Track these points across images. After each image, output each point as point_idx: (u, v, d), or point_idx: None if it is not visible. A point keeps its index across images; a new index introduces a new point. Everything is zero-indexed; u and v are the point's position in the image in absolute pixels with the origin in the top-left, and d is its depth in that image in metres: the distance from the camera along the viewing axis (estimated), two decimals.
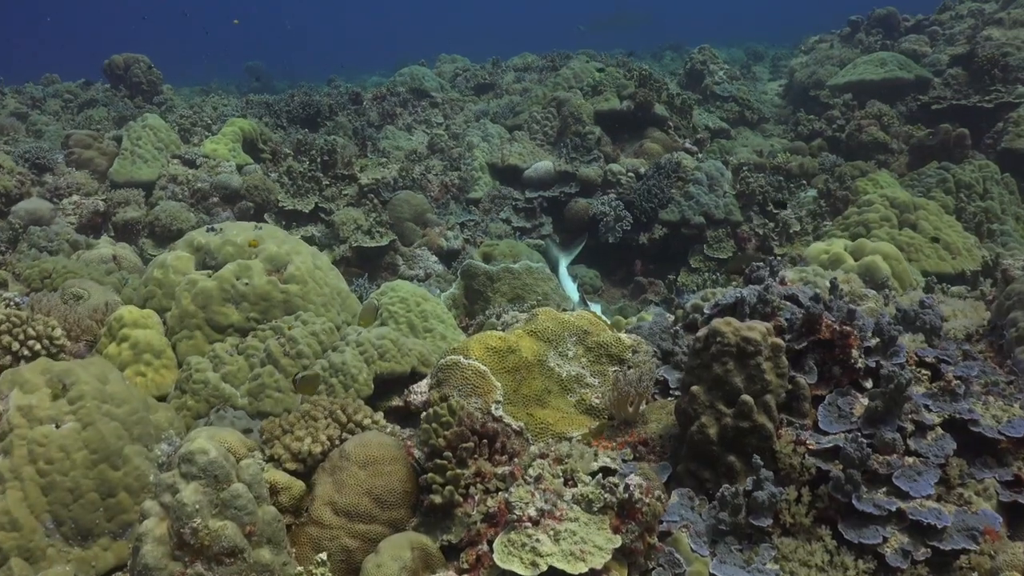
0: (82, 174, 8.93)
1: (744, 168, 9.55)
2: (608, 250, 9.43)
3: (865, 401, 3.62)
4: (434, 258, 8.79)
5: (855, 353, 3.63)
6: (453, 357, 4.26)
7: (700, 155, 10.84)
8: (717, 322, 3.57)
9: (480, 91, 13.99)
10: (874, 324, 3.95)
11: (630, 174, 9.76)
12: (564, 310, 8.10)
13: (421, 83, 13.48)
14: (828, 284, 5.01)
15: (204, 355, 4.34)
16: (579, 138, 10.23)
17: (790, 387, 3.60)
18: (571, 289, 8.82)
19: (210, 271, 4.65)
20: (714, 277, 8.57)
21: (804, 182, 10.00)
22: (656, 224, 9.30)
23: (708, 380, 3.57)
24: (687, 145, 10.65)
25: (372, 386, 4.32)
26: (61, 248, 6.81)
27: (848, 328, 3.61)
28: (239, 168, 9.48)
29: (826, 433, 3.51)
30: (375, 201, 9.07)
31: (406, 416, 4.34)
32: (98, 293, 5.15)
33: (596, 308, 8.56)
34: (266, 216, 8.96)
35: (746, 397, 3.43)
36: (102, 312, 4.78)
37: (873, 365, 3.69)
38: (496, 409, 4.08)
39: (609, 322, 8.29)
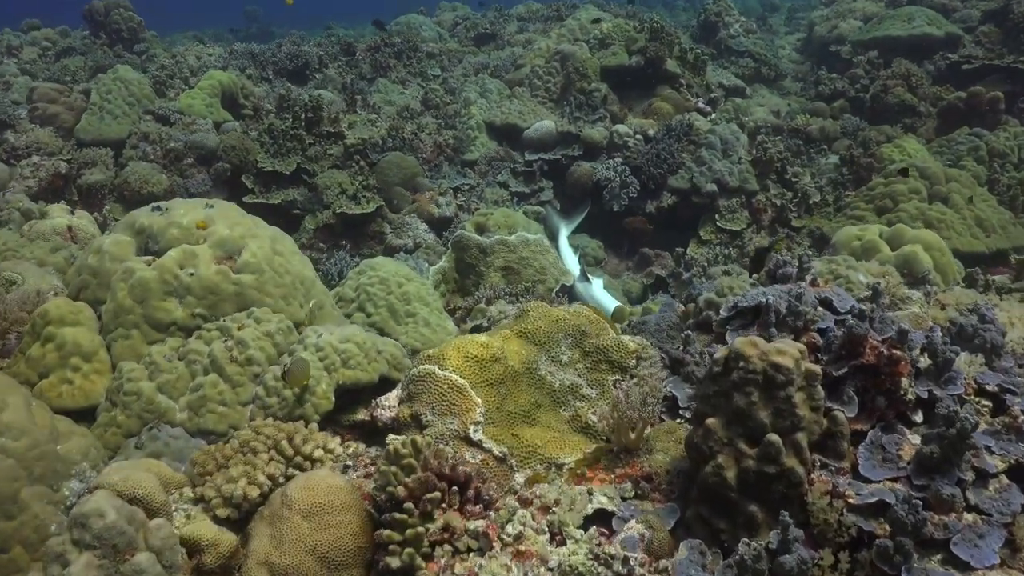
0: (46, 132, 8.27)
1: (761, 132, 8.83)
2: (612, 219, 8.77)
3: (915, 440, 3.02)
4: (424, 226, 8.15)
5: (905, 383, 3.02)
6: (427, 367, 3.65)
7: (714, 116, 10.11)
8: (740, 342, 2.96)
9: (480, 42, 13.19)
10: (924, 339, 3.34)
11: (638, 136, 9.06)
12: (563, 284, 7.49)
13: (418, 32, 12.68)
14: (862, 280, 4.38)
15: (142, 358, 3.74)
16: (584, 96, 9.51)
17: (826, 423, 3.00)
18: (571, 262, 8.19)
19: (152, 257, 4.03)
20: (727, 252, 7.92)
21: (825, 147, 9.29)
22: (665, 191, 8.64)
23: (727, 412, 2.97)
24: (700, 105, 9.91)
25: (333, 399, 3.72)
26: (11, 218, 6.18)
27: (898, 353, 2.99)
28: (217, 126, 8.79)
29: (868, 480, 2.92)
30: (361, 163, 8.40)
31: (373, 432, 3.76)
32: (34, 277, 4.54)
33: (598, 283, 7.96)
34: (244, 178, 8.30)
35: (773, 436, 2.83)
36: (33, 302, 4.18)
37: (925, 395, 3.08)
38: (475, 432, 3.49)
39: (612, 303, 7.69)
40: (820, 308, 3.66)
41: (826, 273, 4.43)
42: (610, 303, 7.67)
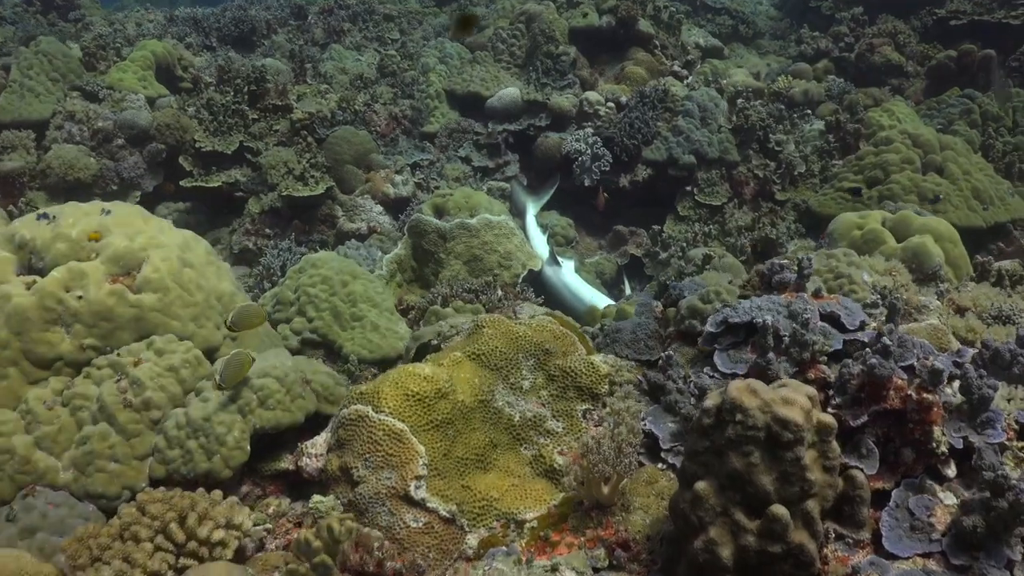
0: None
1: (742, 97, 8.21)
2: (583, 194, 8.16)
3: (949, 500, 2.47)
4: (379, 208, 7.49)
5: (938, 432, 2.46)
6: (359, 408, 3.05)
7: (690, 79, 9.46)
8: (737, 389, 2.38)
9: (443, 2, 12.38)
10: (952, 365, 2.78)
11: (610, 104, 8.41)
12: (530, 270, 6.88)
13: None
14: (866, 280, 3.82)
15: (18, 404, 3.11)
16: (551, 60, 8.82)
17: (842, 484, 2.45)
18: (539, 243, 7.59)
19: (35, 278, 3.38)
20: (706, 229, 7.34)
21: (809, 111, 8.69)
22: (639, 164, 8.02)
23: (721, 475, 2.41)
24: (676, 68, 9.27)
25: (248, 449, 3.12)
26: None
27: (930, 398, 2.44)
28: (151, 102, 8.04)
29: (895, 557, 2.37)
30: (309, 140, 7.69)
31: (299, 484, 3.18)
32: None
33: (568, 266, 7.38)
34: (181, 159, 7.59)
35: (779, 509, 2.28)
36: None
37: (959, 444, 2.53)
38: (417, 488, 2.90)
39: (584, 289, 7.09)
40: (825, 325, 3.10)
41: (825, 271, 3.86)
42: (582, 289, 7.10)
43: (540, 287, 7.15)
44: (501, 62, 9.21)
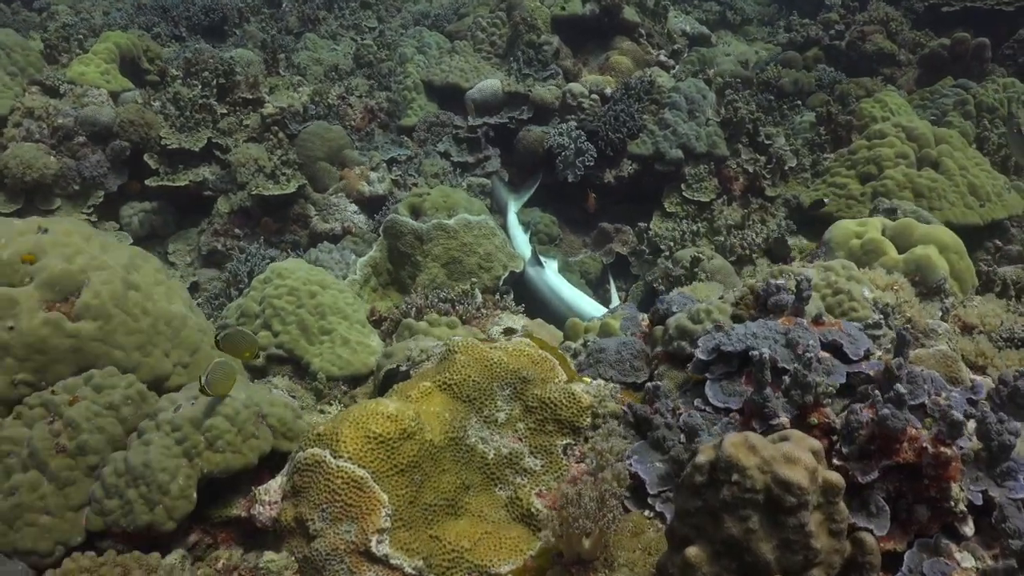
0: None
1: (730, 89, 7.92)
2: (567, 190, 7.88)
3: (968, 564, 2.23)
4: (354, 207, 7.18)
5: (956, 489, 2.21)
6: (316, 452, 2.77)
7: (677, 68, 9.17)
8: (733, 445, 2.12)
9: None
10: (965, 404, 2.53)
11: (594, 96, 8.11)
12: (512, 271, 6.60)
13: None
14: (866, 296, 3.57)
15: None
16: (533, 50, 8.50)
17: (849, 548, 2.20)
18: (521, 242, 7.31)
19: None
20: (694, 227, 7.07)
21: (799, 102, 8.43)
22: (625, 159, 7.74)
23: (715, 540, 2.15)
24: (662, 58, 8.97)
25: (194, 498, 2.84)
26: None
27: (948, 452, 2.18)
28: (114, 96, 7.69)
29: None
30: (280, 135, 7.37)
31: (253, 532, 2.90)
32: None
33: (552, 266, 7.12)
34: (147, 157, 7.25)
35: None
36: None
37: (979, 500, 2.28)
38: (379, 543, 2.63)
39: (568, 291, 6.82)
40: (827, 356, 2.84)
41: (822, 286, 3.60)
42: (565, 290, 6.83)
43: (522, 289, 6.89)
44: (481, 52, 8.89)
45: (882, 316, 3.46)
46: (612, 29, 8.94)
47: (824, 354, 2.84)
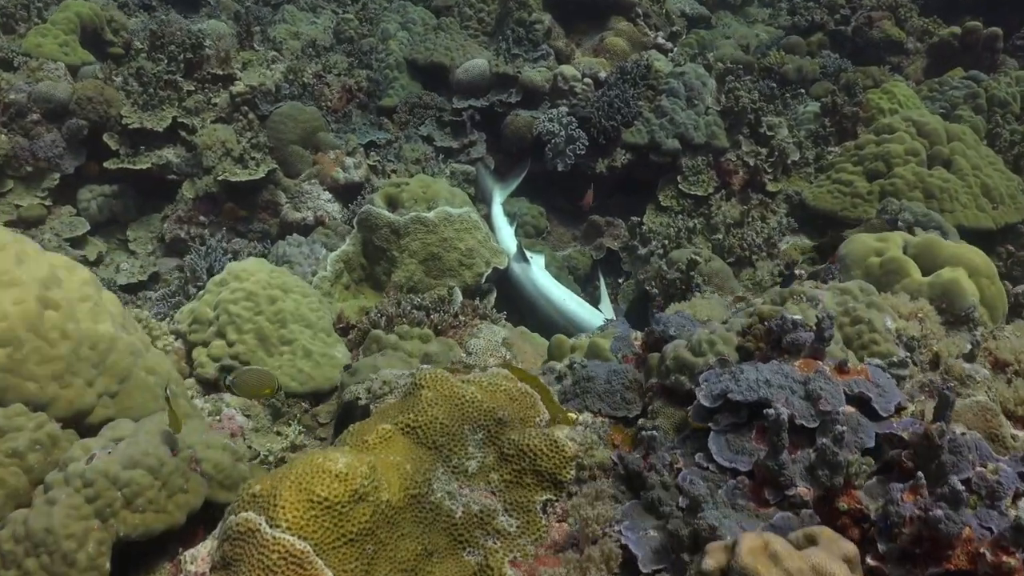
0: None
1: (732, 75, 7.46)
2: (557, 180, 7.44)
3: None
4: (327, 195, 6.72)
5: None
6: (250, 517, 2.34)
7: (675, 51, 8.70)
8: (750, 553, 1.72)
9: None
10: (1017, 480, 2.13)
11: (587, 80, 7.64)
12: (495, 268, 6.16)
13: None
14: (888, 327, 3.16)
15: None
16: (523, 28, 8.01)
17: None
18: (506, 235, 6.87)
19: None
20: (691, 224, 6.65)
21: (803, 90, 7.99)
22: (618, 148, 7.29)
23: None
24: (659, 40, 8.49)
25: (107, 568, 2.41)
26: None
27: (1012, 562, 1.77)
28: (73, 71, 7.17)
29: None
30: (250, 116, 6.87)
31: None
32: None
33: (538, 261, 6.70)
34: (106, 138, 6.76)
35: None
36: None
37: None
38: None
39: (557, 292, 6.38)
40: (851, 410, 2.43)
41: (839, 313, 3.19)
42: (552, 289, 6.42)
43: (507, 286, 6.46)
44: (468, 29, 8.40)
45: (907, 352, 3.06)
46: (608, 8, 8.45)
47: (849, 409, 2.44)
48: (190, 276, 5.54)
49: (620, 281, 7.03)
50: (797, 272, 5.64)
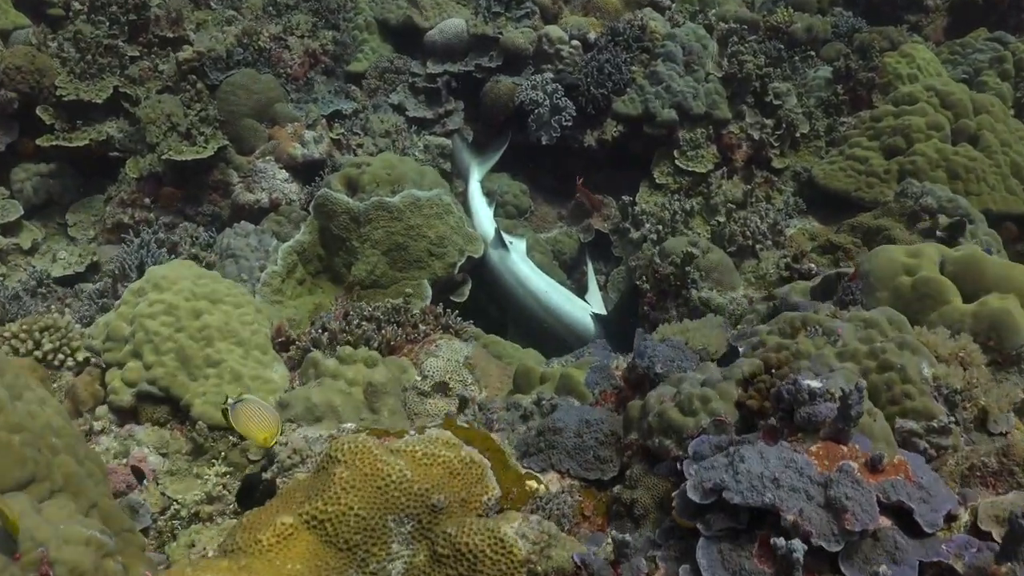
0: None
1: (736, 37, 6.72)
2: (541, 154, 6.76)
3: None
4: (284, 174, 6.06)
5: None
6: None
7: (673, 6, 7.93)
8: None
9: None
10: None
11: (574, 42, 6.92)
12: (470, 256, 5.51)
13: None
14: (925, 374, 2.55)
15: None
16: None
17: None
18: (483, 217, 6.24)
19: None
20: (687, 205, 5.99)
21: (812, 52, 7.25)
22: (609, 119, 6.60)
23: None
24: None
25: None
26: None
27: None
28: (4, 35, 6.46)
29: None
30: (198, 86, 6.18)
31: None
32: None
33: (520, 247, 6.09)
34: (40, 111, 6.08)
35: None
36: None
37: None
38: None
39: (540, 282, 5.70)
40: (886, 524, 1.82)
41: (863, 354, 2.58)
42: (534, 279, 5.84)
43: (483, 276, 5.85)
44: None
45: (949, 409, 2.45)
46: None
47: (884, 522, 1.84)
48: (119, 274, 4.91)
49: (609, 268, 6.41)
50: (805, 267, 5.01)
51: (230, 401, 2.95)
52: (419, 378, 3.66)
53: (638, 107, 6.49)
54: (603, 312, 5.80)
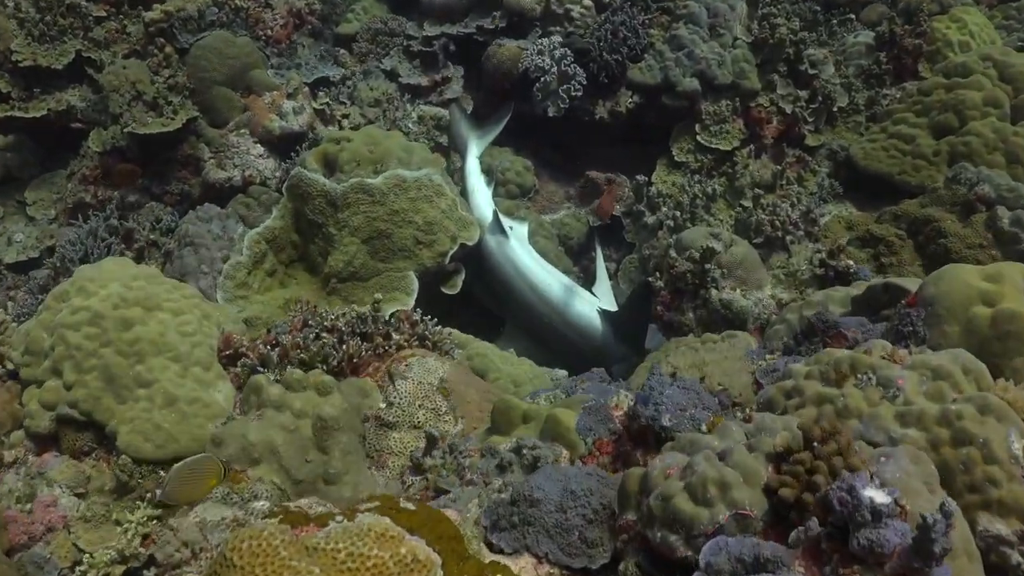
0: None
1: None
2: (548, 126, 6.11)
3: None
4: (260, 149, 5.47)
5: None
6: None
7: None
8: None
9: None
10: None
11: (587, 2, 6.24)
12: (463, 244, 4.87)
13: None
14: (1016, 451, 1.93)
15: None
16: None
17: None
18: (481, 198, 5.63)
19: None
20: (709, 189, 5.34)
21: (852, 16, 6.50)
22: (623, 89, 5.93)
23: None
24: None
25: None
26: None
27: None
28: None
29: None
30: (167, 50, 5.57)
31: None
32: None
33: (520, 231, 5.52)
34: None
35: None
36: None
37: None
38: None
39: (544, 276, 4.95)
40: None
41: (931, 418, 1.97)
42: (536, 271, 5.25)
43: (479, 266, 5.27)
44: None
45: None
46: None
47: None
48: (60, 267, 4.36)
49: (621, 255, 5.79)
50: (842, 264, 4.38)
51: (160, 493, 2.52)
52: (383, 405, 3.09)
53: (656, 75, 5.82)
54: (613, 307, 5.19)
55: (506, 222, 5.37)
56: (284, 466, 2.78)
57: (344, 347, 3.27)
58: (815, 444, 1.88)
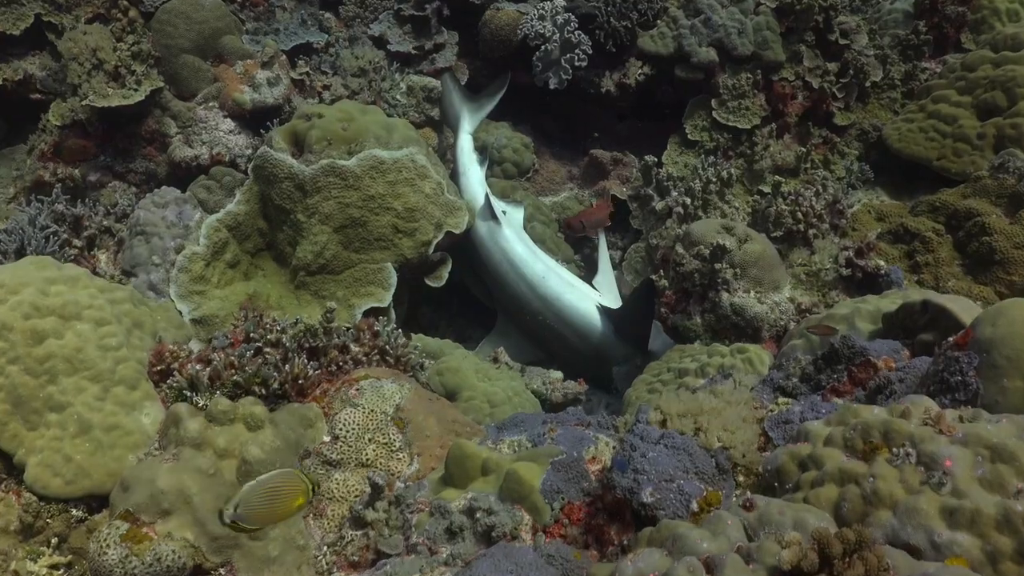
0: None
1: None
2: (550, 99, 5.59)
3: None
4: (230, 124, 4.99)
5: None
6: None
7: None
8: None
9: None
10: None
11: None
12: (449, 232, 4.33)
13: None
14: None
15: None
16: None
17: None
18: (473, 179, 5.16)
19: None
20: (724, 173, 4.81)
21: None
22: (632, 59, 5.39)
23: None
24: None
25: None
26: None
27: None
28: None
29: None
30: (131, 14, 5.08)
31: None
32: None
33: (515, 216, 5.04)
34: None
35: None
36: None
37: None
38: None
39: (541, 271, 4.26)
40: None
41: (991, 522, 1.49)
42: (529, 261, 4.76)
43: (468, 255, 4.80)
44: None
45: None
46: None
47: None
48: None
49: (626, 242, 5.29)
50: (872, 265, 3.87)
51: (227, 511, 2.12)
52: (327, 438, 2.64)
53: (669, 44, 5.27)
54: (615, 302, 4.70)
55: (499, 206, 4.89)
56: (199, 519, 2.35)
57: (288, 367, 2.82)
58: (835, 561, 1.40)
